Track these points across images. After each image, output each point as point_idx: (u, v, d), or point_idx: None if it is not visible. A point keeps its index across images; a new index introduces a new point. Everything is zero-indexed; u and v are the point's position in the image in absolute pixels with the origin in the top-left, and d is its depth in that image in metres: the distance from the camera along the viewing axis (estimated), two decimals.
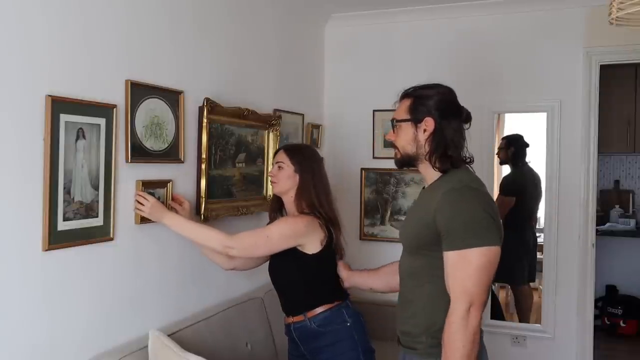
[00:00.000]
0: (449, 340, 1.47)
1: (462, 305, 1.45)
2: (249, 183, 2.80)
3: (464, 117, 1.66)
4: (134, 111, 2.06)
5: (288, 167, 2.12)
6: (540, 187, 3.84)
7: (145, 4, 2.14)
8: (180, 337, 2.08)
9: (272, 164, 2.23)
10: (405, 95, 1.70)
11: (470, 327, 1.45)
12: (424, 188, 1.73)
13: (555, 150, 3.24)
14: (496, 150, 4.07)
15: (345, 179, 3.60)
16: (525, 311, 3.92)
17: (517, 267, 3.92)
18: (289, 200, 2.14)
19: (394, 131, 1.72)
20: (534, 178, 3.89)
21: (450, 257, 1.49)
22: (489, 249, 1.47)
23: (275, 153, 2.28)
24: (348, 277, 2.11)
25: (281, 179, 2.12)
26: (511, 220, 3.87)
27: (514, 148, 3.97)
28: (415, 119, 1.64)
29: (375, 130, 3.57)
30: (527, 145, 3.97)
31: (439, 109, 1.62)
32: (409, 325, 1.65)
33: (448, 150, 1.60)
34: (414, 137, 1.64)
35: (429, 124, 1.61)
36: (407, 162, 1.70)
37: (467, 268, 1.46)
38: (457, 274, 1.48)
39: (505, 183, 4.03)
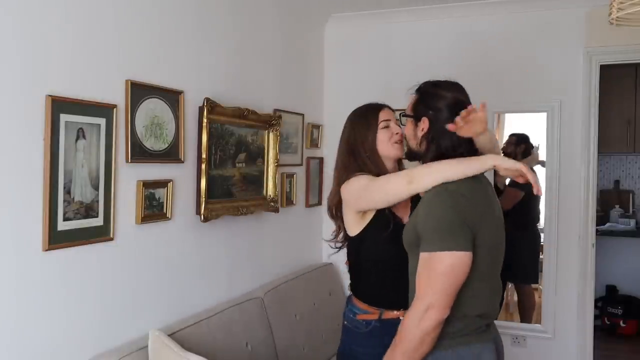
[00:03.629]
0: (401, 329, 1.51)
1: (421, 305, 1.46)
2: (249, 183, 2.80)
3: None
4: (134, 111, 2.06)
5: None
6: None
7: (145, 4, 2.14)
8: (180, 337, 2.08)
9: (387, 125, 1.89)
10: (416, 90, 1.72)
11: (422, 327, 1.46)
12: None
13: (555, 150, 3.24)
14: (502, 145, 4.07)
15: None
16: (529, 310, 3.92)
17: (531, 266, 3.92)
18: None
19: (402, 123, 1.78)
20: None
21: (421, 258, 1.50)
22: (455, 254, 1.44)
23: (379, 111, 1.92)
24: None
25: None
26: (523, 218, 3.87)
27: (524, 146, 3.98)
28: (415, 117, 1.68)
29: None
30: (532, 146, 3.99)
31: (437, 110, 1.62)
32: None
33: (441, 149, 1.62)
34: (414, 134, 1.69)
35: (425, 124, 1.64)
36: (412, 156, 1.74)
37: (431, 271, 1.46)
38: (422, 274, 1.49)
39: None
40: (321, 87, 3.71)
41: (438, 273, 1.45)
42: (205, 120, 2.38)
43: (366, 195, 1.73)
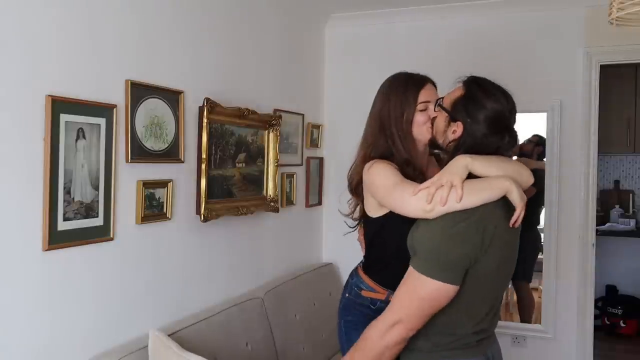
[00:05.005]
0: (364, 337, 1.47)
1: (390, 318, 1.43)
2: (249, 183, 2.80)
3: (505, 141, 1.53)
4: (134, 111, 2.06)
5: None
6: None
7: (145, 4, 2.14)
8: (180, 337, 2.08)
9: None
10: (464, 83, 1.58)
11: (385, 340, 1.42)
12: None
13: (555, 151, 3.24)
14: (522, 142, 4.06)
15: (346, 179, 3.60)
16: (528, 309, 3.92)
17: (529, 265, 3.92)
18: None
19: (435, 109, 1.65)
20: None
21: (409, 271, 1.45)
22: (441, 285, 1.38)
23: (420, 89, 1.73)
24: None
25: None
26: (530, 218, 3.86)
27: (541, 149, 3.97)
28: (452, 117, 1.55)
29: None
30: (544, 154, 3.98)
31: (476, 120, 1.50)
32: None
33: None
34: (443, 131, 1.59)
35: (459, 128, 1.53)
36: (434, 145, 1.65)
37: (413, 290, 1.42)
38: (403, 287, 1.44)
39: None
40: (321, 87, 3.71)
41: (418, 296, 1.41)
42: (205, 120, 2.38)
43: (383, 197, 1.63)
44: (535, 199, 3.77)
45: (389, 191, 1.58)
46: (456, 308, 1.45)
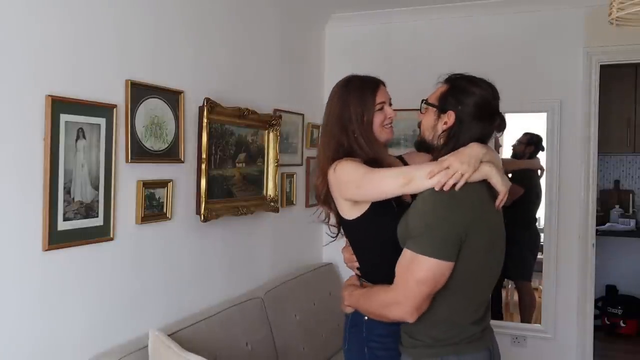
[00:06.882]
0: (371, 297, 1.56)
1: (389, 297, 1.49)
2: (249, 183, 2.80)
3: (495, 124, 1.60)
4: (134, 111, 2.06)
5: None
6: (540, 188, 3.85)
7: (145, 4, 2.14)
8: (180, 337, 2.08)
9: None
10: (446, 80, 1.63)
11: (384, 313, 1.52)
12: None
13: (555, 150, 3.24)
14: (514, 143, 4.07)
15: None
16: (529, 309, 3.92)
17: (528, 264, 3.92)
18: None
19: (421, 111, 1.68)
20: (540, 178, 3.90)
21: (404, 253, 1.47)
22: (438, 263, 1.40)
23: (376, 90, 1.83)
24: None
25: None
26: (524, 216, 3.86)
27: (533, 148, 3.96)
28: (441, 108, 1.58)
29: None
30: (542, 149, 3.97)
31: (467, 107, 1.55)
32: None
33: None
34: (433, 125, 1.61)
35: (450, 118, 1.56)
36: (423, 147, 1.69)
37: (410, 273, 1.43)
38: (402, 270, 1.46)
39: (516, 173, 4.00)
40: (321, 87, 3.71)
41: (415, 277, 1.42)
42: (205, 120, 2.38)
43: (359, 191, 1.62)
44: (527, 197, 3.79)
45: (361, 182, 1.60)
46: (452, 290, 1.47)
